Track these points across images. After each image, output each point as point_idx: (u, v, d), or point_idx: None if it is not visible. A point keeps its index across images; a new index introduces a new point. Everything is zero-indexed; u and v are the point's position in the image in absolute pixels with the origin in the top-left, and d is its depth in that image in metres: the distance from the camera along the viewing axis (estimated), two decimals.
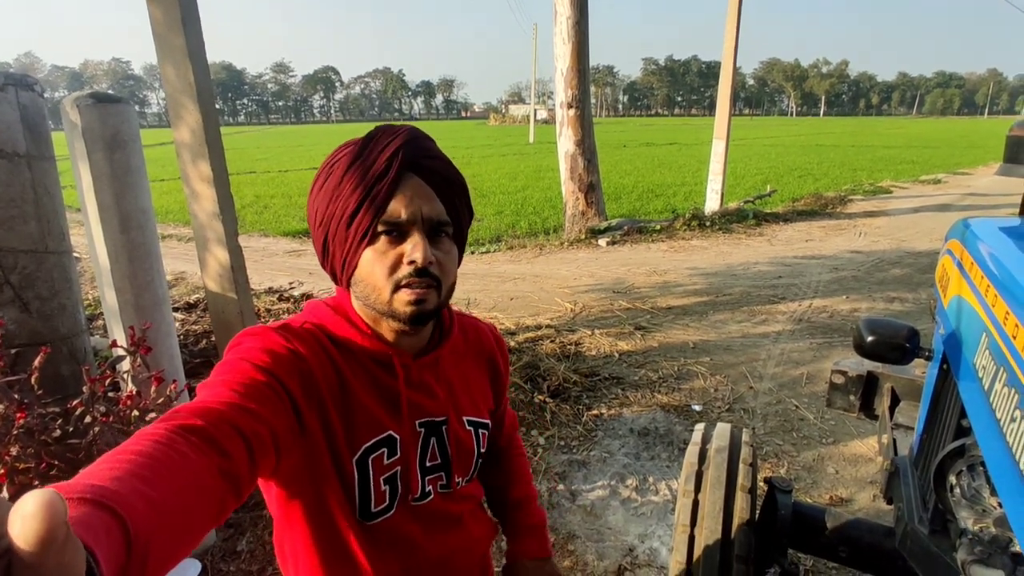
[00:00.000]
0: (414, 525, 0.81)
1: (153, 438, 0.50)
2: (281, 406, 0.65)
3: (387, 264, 0.72)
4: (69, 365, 2.21)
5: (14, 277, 2.05)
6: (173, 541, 0.45)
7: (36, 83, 2.16)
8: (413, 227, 0.72)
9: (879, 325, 1.56)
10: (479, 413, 0.90)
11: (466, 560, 0.91)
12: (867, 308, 5.25)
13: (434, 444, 0.82)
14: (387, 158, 0.71)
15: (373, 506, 0.76)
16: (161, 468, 0.47)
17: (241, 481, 0.57)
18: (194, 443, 0.53)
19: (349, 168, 0.72)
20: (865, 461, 2.94)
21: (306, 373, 0.70)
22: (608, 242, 8.01)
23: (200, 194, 2.81)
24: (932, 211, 10.33)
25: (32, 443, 1.63)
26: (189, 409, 0.57)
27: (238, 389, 0.62)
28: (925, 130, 48.17)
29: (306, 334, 0.73)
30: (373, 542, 0.78)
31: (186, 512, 0.48)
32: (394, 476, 0.78)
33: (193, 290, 5.89)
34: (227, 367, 0.66)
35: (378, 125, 0.76)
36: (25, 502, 0.27)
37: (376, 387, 0.77)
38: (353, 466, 0.74)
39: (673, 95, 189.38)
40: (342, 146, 0.75)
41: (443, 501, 0.84)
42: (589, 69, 8.30)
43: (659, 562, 2.26)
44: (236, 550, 2.27)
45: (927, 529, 1.30)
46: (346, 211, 0.71)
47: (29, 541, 0.26)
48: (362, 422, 0.75)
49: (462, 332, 0.91)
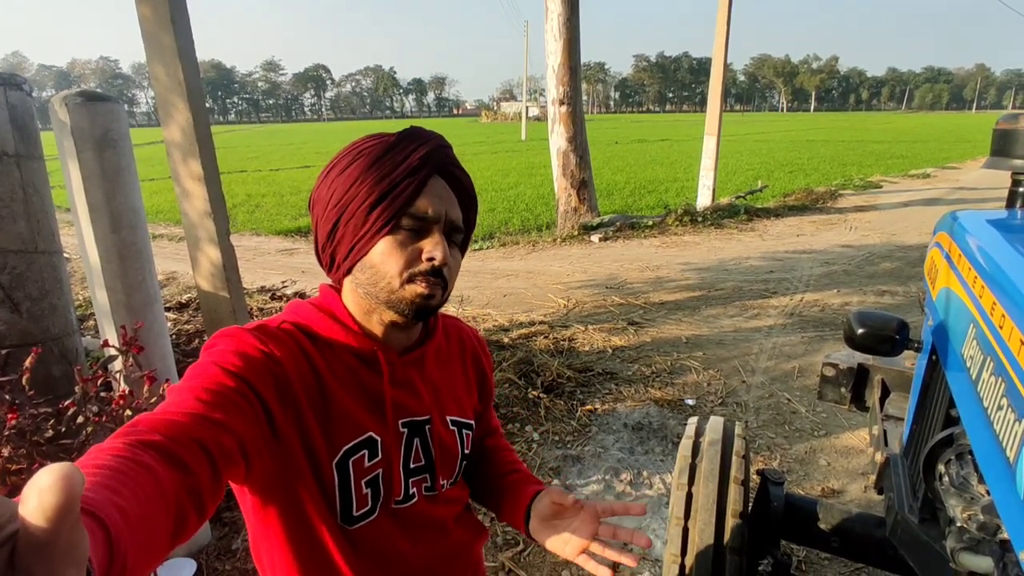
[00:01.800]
0: (397, 530, 0.79)
1: (112, 452, 0.49)
2: (251, 412, 0.64)
3: (404, 256, 0.72)
4: (60, 365, 2.20)
5: (4, 277, 2.03)
6: (143, 553, 0.44)
7: (25, 82, 2.14)
8: (435, 226, 0.74)
9: (869, 318, 1.58)
10: (463, 413, 0.89)
11: (454, 566, 0.88)
12: (858, 302, 5.29)
13: (417, 445, 0.81)
14: (422, 156, 0.73)
15: (355, 509, 0.74)
16: (126, 480, 0.46)
17: (203, 495, 0.56)
18: (155, 457, 0.51)
19: (382, 157, 0.72)
20: (856, 453, 2.97)
21: (280, 376, 0.68)
22: (601, 238, 8.03)
23: (191, 193, 2.80)
24: (921, 205, 10.41)
25: (24, 444, 1.62)
26: (149, 422, 0.56)
27: (204, 397, 0.61)
28: (914, 125, 48.49)
29: (283, 335, 0.72)
30: (355, 548, 0.75)
31: (151, 525, 0.46)
32: (376, 479, 0.76)
33: (185, 290, 5.86)
34: (198, 371, 0.65)
35: (411, 125, 0.78)
36: (41, 476, 0.27)
37: (358, 386, 0.76)
38: (333, 469, 0.72)
39: (664, 92, 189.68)
40: (372, 136, 0.76)
41: (428, 504, 0.82)
42: (580, 66, 8.30)
43: (653, 556, 2.28)
44: (231, 548, 2.26)
45: (917, 518, 1.32)
46: (370, 197, 0.71)
47: (46, 514, 0.26)
48: (342, 423, 0.73)
49: (445, 333, 0.90)
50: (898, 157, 19.54)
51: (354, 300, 0.78)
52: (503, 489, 0.94)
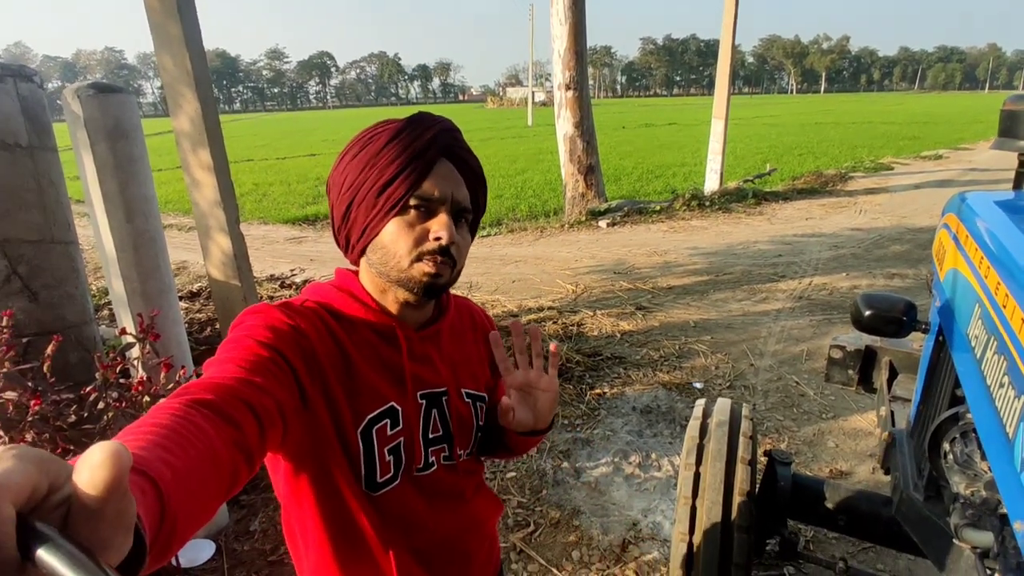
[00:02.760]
0: (419, 497, 0.83)
1: (169, 411, 0.53)
2: (285, 380, 0.68)
3: (413, 236, 0.76)
4: (78, 353, 2.24)
5: (21, 268, 2.07)
6: (195, 509, 0.47)
7: (35, 74, 2.17)
8: (442, 207, 0.77)
9: (877, 300, 1.59)
10: (477, 387, 0.92)
11: (473, 537, 0.92)
12: (867, 285, 5.27)
13: (435, 416, 0.84)
14: (429, 139, 0.76)
15: (378, 476, 0.78)
16: (180, 439, 0.49)
17: (252, 451, 0.59)
18: (207, 416, 0.55)
19: (390, 142, 0.75)
20: (864, 435, 2.99)
21: (307, 348, 0.72)
22: (608, 224, 8.02)
23: (201, 182, 2.82)
24: (933, 187, 10.30)
25: (47, 429, 1.67)
26: (200, 385, 0.60)
27: (244, 364, 0.65)
28: (927, 105, 47.78)
29: (307, 311, 0.76)
30: (380, 514, 0.79)
31: (204, 481, 0.50)
32: (398, 447, 0.80)
33: (195, 279, 5.92)
34: (232, 344, 0.69)
35: (419, 111, 0.80)
36: (93, 452, 0.29)
37: (379, 360, 0.80)
38: (358, 437, 0.76)
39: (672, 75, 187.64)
40: (382, 122, 0.79)
41: (446, 473, 0.86)
42: (587, 50, 8.24)
43: (662, 535, 2.31)
44: (249, 530, 2.32)
45: (922, 495, 1.34)
46: (380, 180, 0.75)
47: (97, 487, 0.29)
48: (365, 394, 0.77)
49: (457, 310, 0.94)
50: (910, 138, 19.30)
51: (370, 280, 0.82)
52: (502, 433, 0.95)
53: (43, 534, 0.27)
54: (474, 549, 0.92)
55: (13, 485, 0.27)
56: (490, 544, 0.98)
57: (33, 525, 0.27)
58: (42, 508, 0.28)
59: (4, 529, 0.26)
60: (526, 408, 0.82)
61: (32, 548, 0.26)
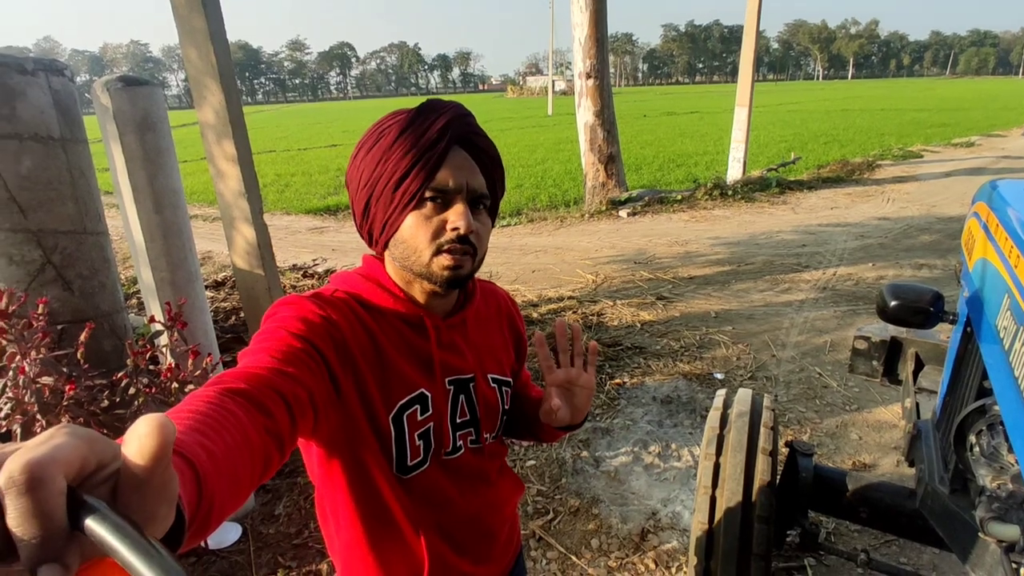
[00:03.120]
0: (447, 479, 0.86)
1: (204, 399, 0.55)
2: (317, 370, 0.70)
3: (431, 229, 0.76)
4: (110, 341, 2.30)
5: (55, 257, 2.13)
6: (230, 492, 0.49)
7: (66, 68, 2.22)
8: (458, 196, 0.77)
9: (903, 290, 1.56)
10: (502, 372, 0.94)
11: (496, 517, 0.94)
12: (894, 275, 5.17)
13: (463, 401, 0.86)
14: (439, 129, 0.75)
15: (409, 460, 0.81)
16: (215, 424, 0.51)
17: (284, 439, 0.61)
18: (240, 404, 0.57)
19: (401, 135, 0.75)
20: (889, 427, 2.95)
21: (339, 338, 0.74)
22: (629, 213, 7.96)
23: (225, 173, 2.87)
24: (964, 175, 10.03)
25: (81, 413, 1.73)
26: (233, 374, 0.62)
27: (276, 355, 0.66)
28: (959, 91, 46.43)
29: (338, 301, 0.78)
30: (409, 495, 0.82)
31: (238, 466, 0.52)
32: (427, 432, 0.82)
33: (220, 269, 6.02)
34: (265, 335, 0.71)
35: (428, 99, 0.79)
36: (140, 424, 0.31)
37: (408, 347, 0.81)
38: (389, 423, 0.78)
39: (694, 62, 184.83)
40: (392, 114, 0.79)
41: (473, 456, 0.89)
42: (607, 38, 8.15)
43: (681, 525, 2.31)
44: (274, 514, 2.37)
45: (947, 488, 1.32)
46: (395, 175, 0.75)
47: (145, 456, 0.30)
48: (396, 381, 0.79)
49: (482, 296, 0.95)
50: (940, 125, 18.79)
51: (395, 271, 0.83)
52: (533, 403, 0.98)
53: (92, 505, 0.28)
54: (497, 528, 0.95)
55: (65, 458, 0.28)
56: (511, 525, 1.01)
57: (82, 497, 0.29)
58: (91, 482, 0.30)
59: (56, 499, 0.28)
60: (565, 405, 0.84)
61: (81, 518, 0.28)
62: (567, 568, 2.14)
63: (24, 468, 0.27)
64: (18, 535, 0.27)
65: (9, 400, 1.64)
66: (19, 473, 0.27)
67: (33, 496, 0.27)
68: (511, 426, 1.01)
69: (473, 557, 0.90)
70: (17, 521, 0.27)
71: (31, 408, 1.65)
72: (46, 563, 0.28)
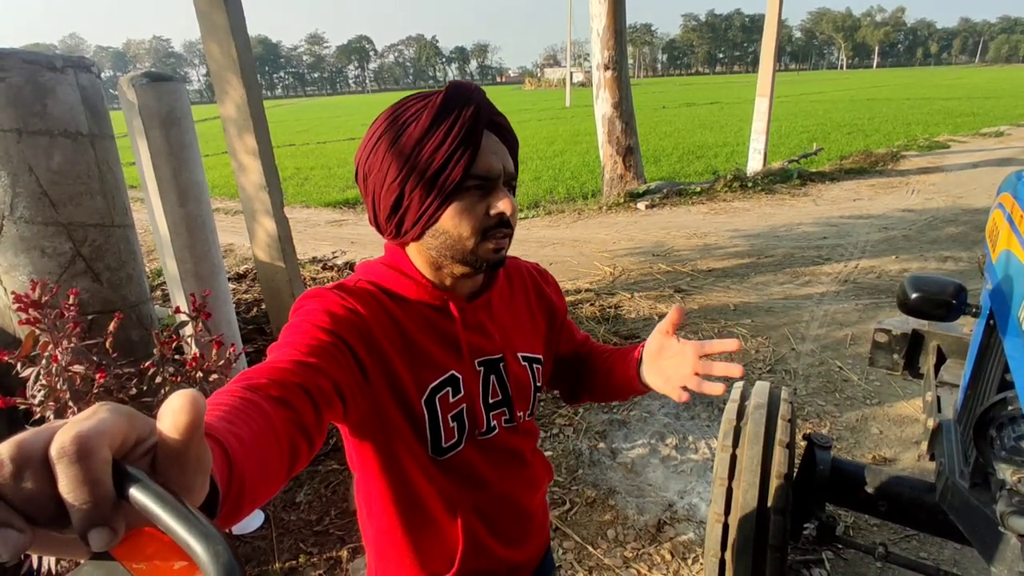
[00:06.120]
0: (482, 459, 0.86)
1: (228, 394, 0.57)
2: (344, 360, 0.71)
3: (477, 216, 0.76)
4: (137, 331, 2.36)
5: (85, 249, 2.19)
6: (259, 476, 0.51)
7: (93, 64, 2.27)
8: (499, 181, 0.77)
9: (924, 282, 1.54)
10: (532, 349, 0.94)
11: (529, 497, 0.95)
12: (918, 268, 5.08)
13: (494, 381, 0.87)
14: (471, 115, 0.74)
15: (443, 441, 0.81)
16: (242, 415, 0.53)
17: (310, 430, 0.62)
18: (264, 397, 0.59)
19: (434, 123, 0.73)
20: (911, 422, 2.91)
21: (363, 327, 0.75)
22: (647, 205, 7.91)
23: (247, 167, 2.92)
24: (993, 166, 9.79)
25: (111, 400, 1.78)
26: (256, 371, 0.64)
27: (301, 348, 0.68)
28: (987, 79, 45.21)
29: (361, 291, 0.79)
30: (446, 477, 0.83)
31: (266, 453, 0.53)
32: (460, 413, 0.83)
33: (242, 261, 6.12)
34: (292, 329, 0.73)
35: (451, 81, 0.79)
36: (172, 400, 0.33)
37: (435, 331, 0.82)
38: (423, 406, 0.79)
39: (714, 52, 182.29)
40: (410, 101, 0.77)
41: (508, 435, 0.89)
42: (626, 28, 8.08)
43: (698, 517, 2.32)
44: (295, 501, 2.42)
45: (968, 483, 1.31)
46: (432, 166, 0.73)
47: (179, 429, 0.32)
48: (425, 365, 0.80)
49: (506, 273, 0.95)
50: (968, 115, 18.32)
51: (423, 259, 0.82)
52: (612, 363, 0.98)
53: (135, 476, 0.30)
54: (533, 509, 0.96)
55: (109, 431, 0.30)
56: (544, 508, 1.02)
57: (125, 468, 0.31)
58: (131, 455, 0.32)
59: (103, 468, 0.30)
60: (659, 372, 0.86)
61: (125, 488, 0.30)
62: (583, 558, 2.16)
63: (74, 439, 0.29)
64: (69, 501, 0.29)
65: (43, 387, 1.70)
66: (70, 443, 0.29)
67: (83, 464, 0.29)
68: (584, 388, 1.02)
69: (507, 538, 0.91)
70: (68, 487, 0.29)
71: (63, 395, 1.71)
72: (95, 527, 0.30)
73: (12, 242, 2.10)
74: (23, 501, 0.29)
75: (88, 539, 0.30)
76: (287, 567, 2.11)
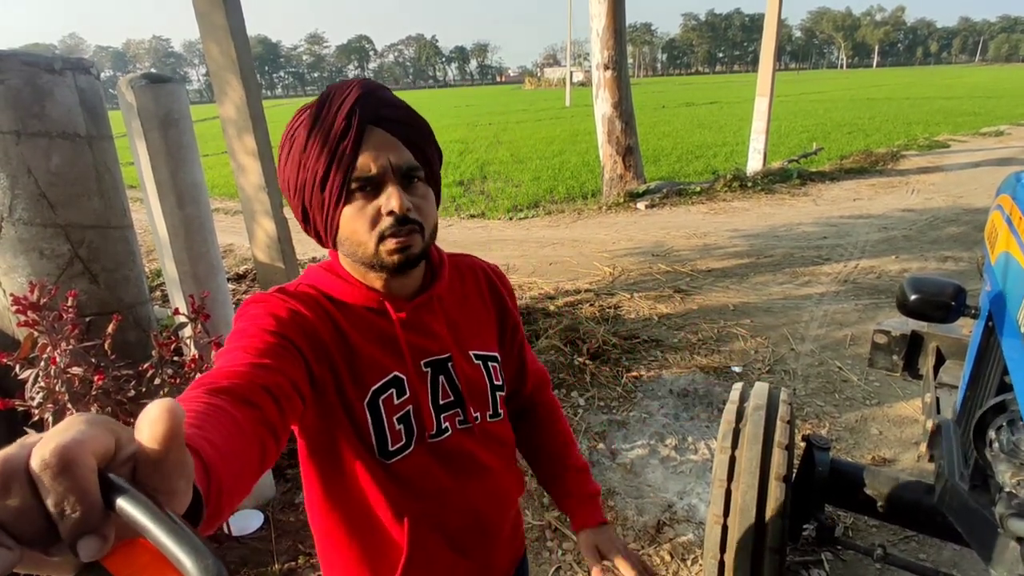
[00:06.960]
0: (437, 465, 0.84)
1: (193, 400, 0.56)
2: (294, 360, 0.70)
3: (367, 219, 0.74)
4: (135, 332, 2.36)
5: (82, 251, 2.19)
6: (234, 480, 0.50)
7: (92, 66, 2.27)
8: (385, 178, 0.74)
9: (924, 283, 1.54)
10: (486, 347, 0.91)
11: (498, 513, 0.92)
12: (918, 268, 5.08)
13: (443, 382, 0.85)
14: (345, 115, 0.72)
15: (390, 444, 0.80)
16: (210, 420, 0.52)
17: (275, 427, 0.62)
18: (227, 400, 0.58)
19: (310, 133, 0.73)
20: (910, 423, 2.91)
21: (309, 329, 0.75)
22: (647, 205, 7.91)
23: (246, 167, 2.91)
24: (993, 165, 9.79)
25: (109, 402, 1.78)
26: (213, 375, 0.62)
27: (251, 351, 0.67)
28: (988, 78, 45.19)
29: (304, 295, 0.78)
30: (394, 482, 0.81)
31: (238, 455, 0.53)
32: (407, 415, 0.81)
33: (241, 261, 6.12)
34: (238, 334, 0.72)
35: (331, 83, 0.76)
36: (149, 410, 0.33)
37: (375, 334, 0.81)
38: (365, 408, 0.78)
39: (714, 52, 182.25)
40: (299, 112, 0.76)
41: (463, 437, 0.86)
42: (626, 28, 8.07)
43: (697, 518, 2.32)
44: (294, 502, 2.42)
45: (967, 485, 1.31)
46: (316, 176, 0.73)
47: (157, 439, 0.32)
48: (367, 367, 0.79)
49: (458, 271, 0.93)
50: (969, 114, 18.32)
51: (349, 265, 0.82)
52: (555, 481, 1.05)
53: (120, 486, 0.30)
54: (499, 524, 0.93)
55: (89, 440, 0.30)
56: (514, 523, 0.99)
57: (110, 478, 0.30)
58: (112, 465, 0.32)
59: (90, 477, 0.29)
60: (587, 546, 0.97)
61: (112, 498, 0.30)
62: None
63: (55, 451, 0.28)
64: (56, 513, 0.28)
65: (41, 390, 1.70)
66: (51, 455, 0.28)
67: (69, 475, 0.28)
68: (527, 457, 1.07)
69: (468, 553, 0.89)
70: (56, 500, 0.28)
71: (62, 397, 1.71)
72: (85, 535, 0.29)
73: (11, 244, 2.10)
74: (9, 518, 0.28)
75: (78, 549, 0.29)
76: (286, 568, 2.11)
